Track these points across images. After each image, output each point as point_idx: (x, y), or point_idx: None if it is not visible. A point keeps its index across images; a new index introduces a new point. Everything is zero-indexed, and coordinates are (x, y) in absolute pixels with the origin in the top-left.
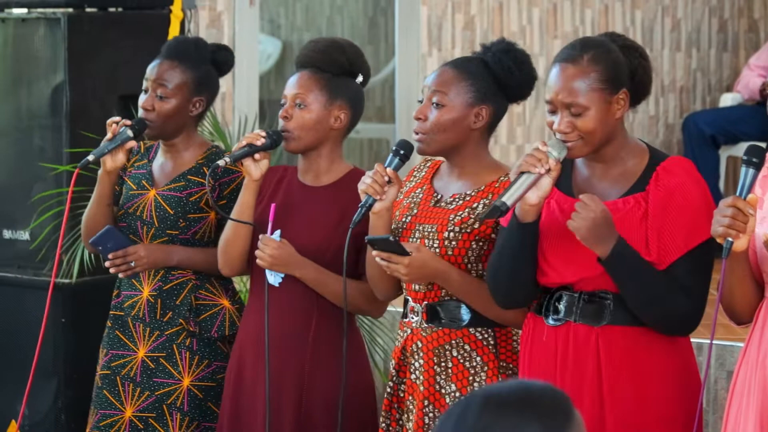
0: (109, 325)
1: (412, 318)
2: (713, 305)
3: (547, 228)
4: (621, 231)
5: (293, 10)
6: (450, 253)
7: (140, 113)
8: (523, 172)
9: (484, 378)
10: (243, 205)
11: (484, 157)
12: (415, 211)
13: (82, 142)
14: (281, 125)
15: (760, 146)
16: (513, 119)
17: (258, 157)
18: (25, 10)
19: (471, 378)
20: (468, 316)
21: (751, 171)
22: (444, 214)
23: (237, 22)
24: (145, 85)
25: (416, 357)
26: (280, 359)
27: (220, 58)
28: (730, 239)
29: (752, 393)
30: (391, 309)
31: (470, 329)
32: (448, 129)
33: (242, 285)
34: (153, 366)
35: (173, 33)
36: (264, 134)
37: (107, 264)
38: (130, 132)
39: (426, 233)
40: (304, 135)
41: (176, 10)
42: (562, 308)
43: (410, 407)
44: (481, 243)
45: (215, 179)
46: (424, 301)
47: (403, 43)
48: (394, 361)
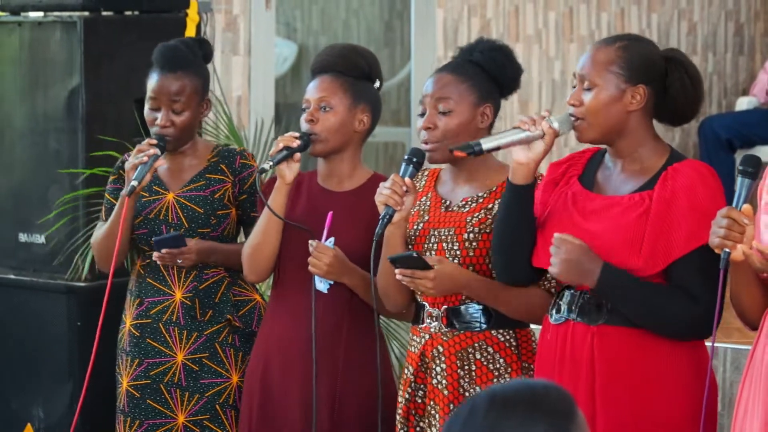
0: (137, 334)
1: (430, 323)
2: (729, 308)
3: (558, 216)
4: (615, 224)
5: (309, 14)
6: (471, 254)
7: (155, 130)
8: (516, 128)
9: (508, 379)
10: (275, 207)
11: (489, 158)
12: (426, 217)
13: (98, 146)
14: (305, 128)
15: (756, 156)
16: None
17: (295, 159)
18: (41, 14)
19: (495, 380)
20: (487, 318)
21: (746, 181)
22: (460, 217)
23: (253, 26)
24: (152, 102)
25: (437, 362)
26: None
27: (206, 51)
28: (726, 250)
29: (758, 396)
30: None
31: (492, 331)
32: (460, 133)
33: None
34: (197, 368)
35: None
36: (297, 135)
37: (155, 255)
38: (158, 151)
39: (443, 237)
40: (331, 137)
41: (192, 13)
42: (563, 306)
43: (431, 412)
44: None
45: (235, 175)
46: (443, 305)
47: (419, 46)
48: (411, 368)
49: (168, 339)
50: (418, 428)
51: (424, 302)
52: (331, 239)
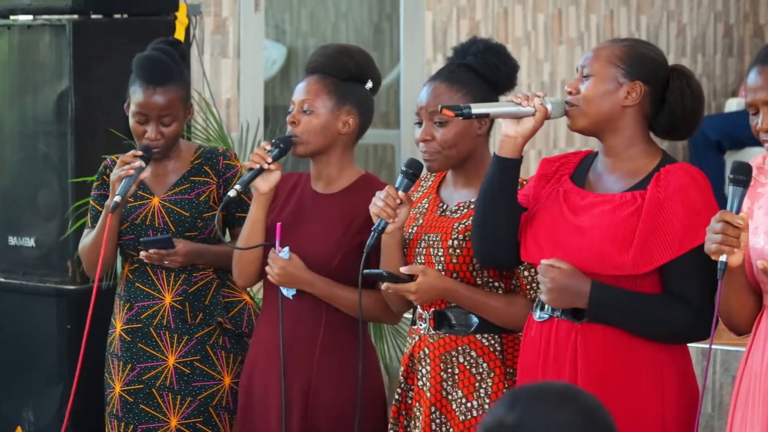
0: (128, 339)
1: (420, 325)
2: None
3: (548, 211)
4: (607, 221)
5: (298, 16)
6: (455, 261)
7: (144, 142)
8: (509, 102)
9: (490, 384)
10: (253, 220)
11: (487, 162)
12: (420, 221)
13: (87, 149)
14: (289, 130)
15: (747, 164)
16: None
17: (273, 168)
18: (30, 17)
19: (477, 384)
20: (475, 321)
21: (738, 189)
22: (449, 222)
23: (242, 28)
24: (139, 116)
25: (423, 363)
26: (289, 368)
27: (182, 52)
28: (723, 260)
29: (757, 403)
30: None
31: (477, 335)
32: (458, 143)
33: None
34: (188, 371)
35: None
36: (269, 147)
37: (142, 254)
38: (143, 163)
39: (431, 242)
40: (312, 139)
41: (181, 16)
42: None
43: (417, 414)
44: None
45: (219, 176)
46: (431, 308)
47: (408, 48)
48: (402, 368)
49: (159, 343)
50: (407, 429)
51: (417, 306)
52: (286, 249)
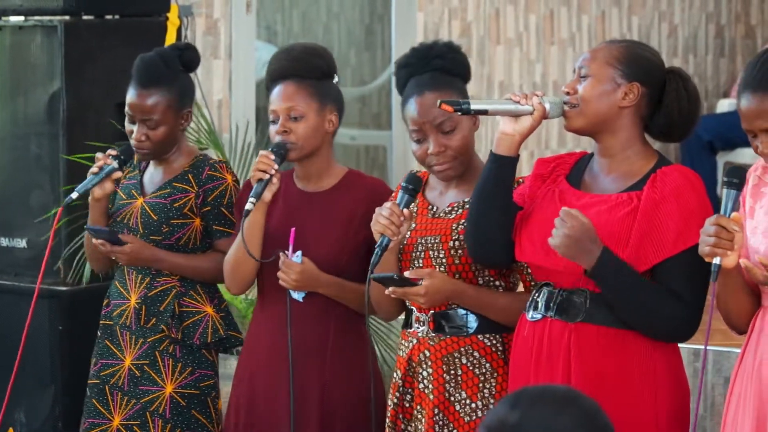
0: (99, 334)
1: (418, 328)
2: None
3: (544, 212)
4: (603, 220)
5: (290, 17)
6: (457, 261)
7: (132, 143)
8: (507, 99)
9: (494, 384)
10: (254, 225)
11: (477, 162)
12: (413, 225)
13: (79, 150)
14: (279, 140)
15: (740, 166)
16: None
17: (274, 181)
18: (22, 18)
19: (481, 385)
20: (475, 323)
21: (732, 192)
22: (446, 224)
23: (234, 30)
24: (128, 116)
25: (424, 366)
26: (300, 372)
27: (187, 59)
28: (717, 263)
29: (749, 400)
30: None
31: (478, 336)
32: (467, 145)
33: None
34: (138, 374)
35: (170, 40)
36: (272, 156)
37: (94, 240)
38: (115, 163)
39: (430, 245)
40: (306, 144)
41: (173, 17)
42: (541, 303)
43: (418, 416)
44: None
45: (199, 186)
46: (430, 310)
47: (399, 49)
48: (400, 372)
49: (121, 342)
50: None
51: (412, 307)
52: (299, 253)
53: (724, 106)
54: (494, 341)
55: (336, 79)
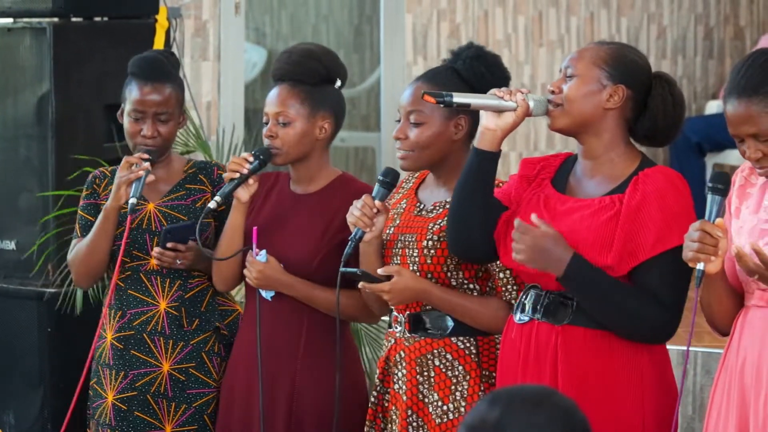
0: (120, 347)
1: (396, 328)
2: (699, 312)
3: (528, 216)
4: (586, 226)
5: (279, 19)
6: (429, 261)
7: (139, 141)
8: (492, 94)
9: (466, 387)
10: (232, 226)
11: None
12: (397, 221)
13: (68, 152)
14: (267, 144)
15: (726, 173)
16: None
17: (251, 182)
18: (10, 20)
19: (453, 387)
20: (451, 324)
21: (717, 198)
22: (424, 222)
23: (222, 31)
24: (136, 113)
25: (399, 367)
26: (271, 371)
27: (175, 63)
28: (700, 269)
29: (732, 400)
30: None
31: (452, 338)
32: (431, 145)
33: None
34: (183, 378)
35: (158, 42)
36: (251, 158)
37: (155, 251)
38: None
39: (407, 243)
40: (291, 150)
41: (161, 19)
42: (528, 306)
43: (393, 417)
44: None
45: (214, 186)
46: (407, 311)
47: (388, 51)
48: (378, 371)
49: (153, 349)
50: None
51: (392, 306)
52: (263, 252)
53: (713, 107)
54: (468, 344)
55: (338, 84)
